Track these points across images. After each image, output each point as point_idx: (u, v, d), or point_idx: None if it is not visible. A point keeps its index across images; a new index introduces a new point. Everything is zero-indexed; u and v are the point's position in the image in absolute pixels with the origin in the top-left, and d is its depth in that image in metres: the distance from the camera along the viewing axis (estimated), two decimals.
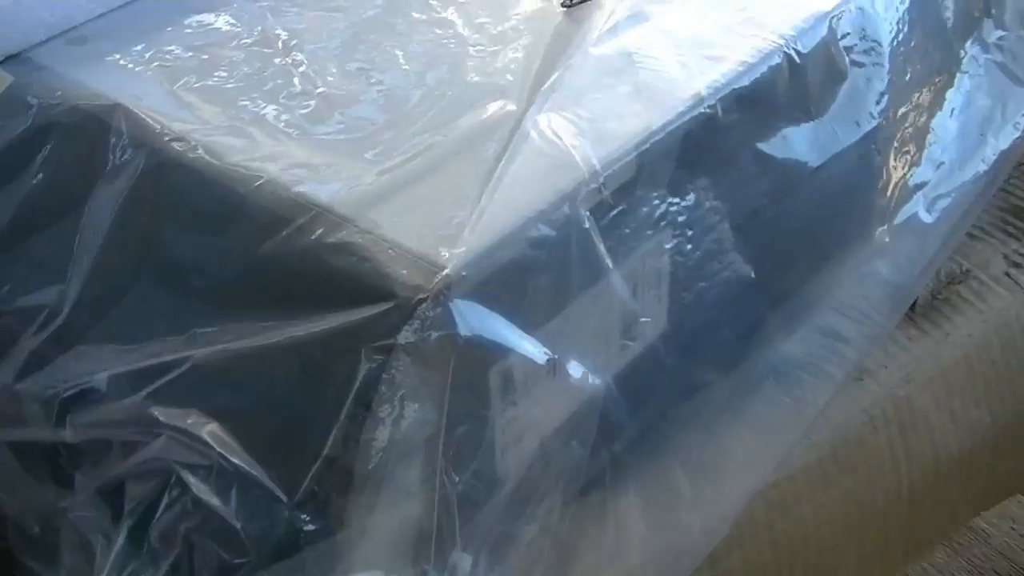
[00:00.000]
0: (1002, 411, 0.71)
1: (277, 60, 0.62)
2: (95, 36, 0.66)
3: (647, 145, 0.54)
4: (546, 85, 0.57)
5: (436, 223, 0.50)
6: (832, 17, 0.63)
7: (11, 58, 0.65)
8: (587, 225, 0.52)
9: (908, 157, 0.67)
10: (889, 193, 0.67)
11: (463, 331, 0.47)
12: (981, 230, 0.76)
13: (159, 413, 0.53)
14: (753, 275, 0.62)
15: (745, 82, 0.58)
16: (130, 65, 0.63)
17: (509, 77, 0.59)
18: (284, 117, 0.57)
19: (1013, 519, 1.30)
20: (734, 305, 0.63)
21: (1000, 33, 0.74)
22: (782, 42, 0.60)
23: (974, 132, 0.71)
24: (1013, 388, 0.71)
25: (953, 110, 0.70)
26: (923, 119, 0.68)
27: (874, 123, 0.65)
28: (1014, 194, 0.79)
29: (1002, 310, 0.72)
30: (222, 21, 0.66)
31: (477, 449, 0.50)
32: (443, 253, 0.48)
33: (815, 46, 0.62)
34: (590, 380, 0.55)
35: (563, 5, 0.64)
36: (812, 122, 0.62)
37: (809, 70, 0.61)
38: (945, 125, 0.70)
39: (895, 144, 0.67)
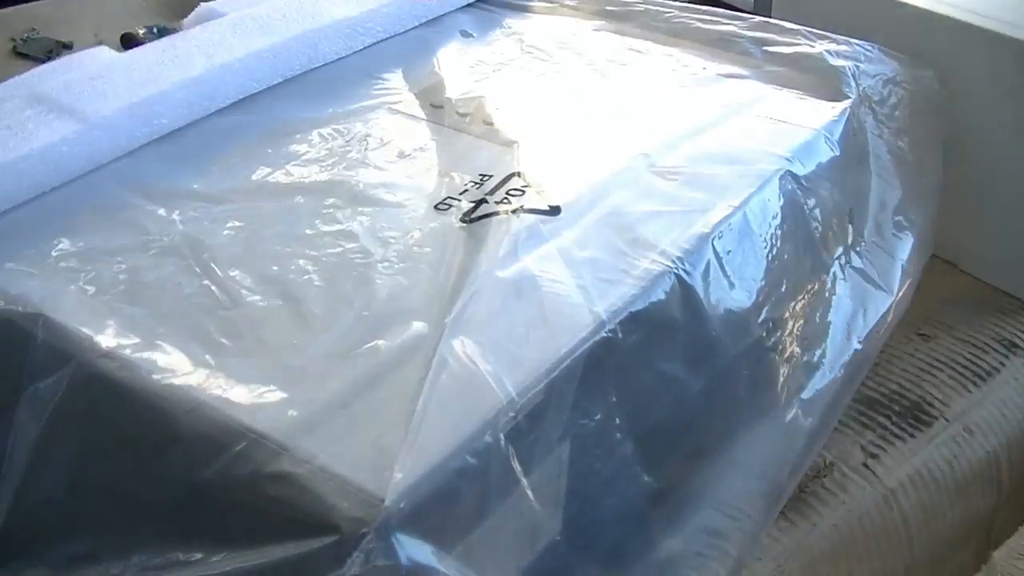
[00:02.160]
0: None
1: (193, 271, 0.64)
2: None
3: (556, 372, 0.58)
4: (456, 308, 0.60)
5: (369, 452, 0.52)
6: (713, 238, 0.68)
7: None
8: (507, 453, 0.55)
9: (788, 362, 0.73)
10: (769, 394, 0.72)
11: (404, 562, 0.50)
12: (839, 423, 0.81)
13: None
14: (644, 477, 0.66)
15: (640, 304, 0.63)
16: (45, 267, 0.65)
17: (418, 297, 0.62)
18: (205, 334, 0.60)
19: None
20: (622, 506, 0.67)
21: (861, 240, 0.81)
22: (671, 264, 0.65)
23: (842, 335, 0.76)
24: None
25: (825, 315, 0.76)
26: (800, 326, 0.74)
27: (757, 334, 0.70)
28: (866, 385, 0.85)
29: (862, 500, 0.76)
30: (128, 222, 0.69)
31: None
32: (381, 485, 0.50)
33: (701, 266, 0.66)
34: None
35: (462, 220, 0.68)
36: (700, 337, 0.67)
37: (697, 289, 0.66)
38: (818, 330, 0.75)
39: (777, 350, 0.72)
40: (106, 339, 0.59)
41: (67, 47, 1.21)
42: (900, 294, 0.81)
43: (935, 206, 0.87)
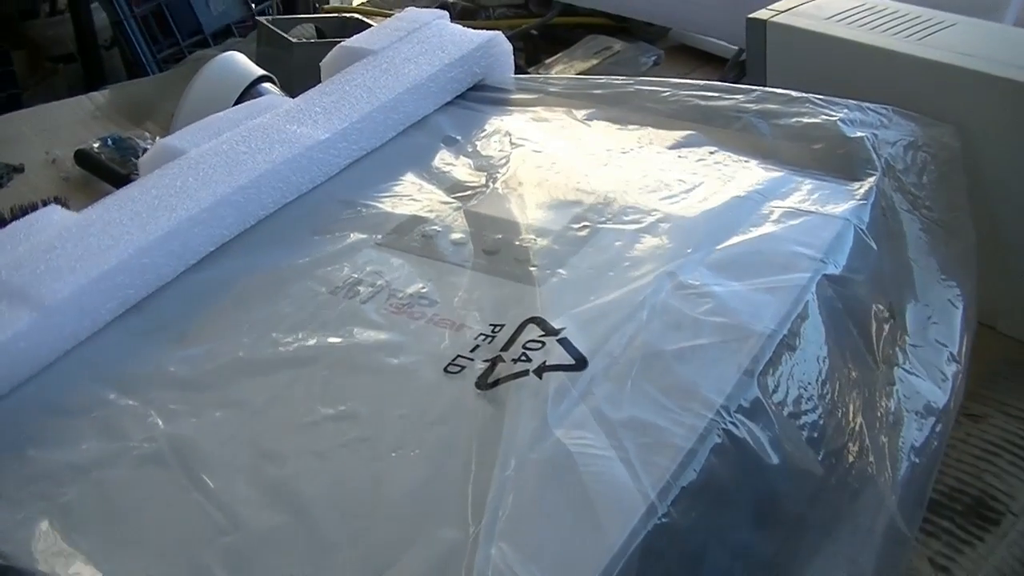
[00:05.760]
0: None
1: (181, 484, 0.56)
2: None
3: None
4: (488, 505, 0.53)
5: None
6: (758, 374, 0.61)
7: None
8: None
9: (853, 494, 0.65)
10: (836, 531, 0.64)
11: None
12: None
13: None
14: None
15: (691, 474, 0.55)
16: (11, 496, 0.56)
17: (441, 494, 0.54)
18: (206, 572, 0.52)
19: None
20: None
21: (906, 335, 0.73)
22: (717, 418, 0.58)
23: (904, 450, 0.68)
24: None
25: (884, 432, 0.68)
26: (860, 450, 0.66)
27: (819, 474, 0.62)
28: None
29: None
30: (102, 423, 0.60)
31: None
32: None
33: (750, 410, 0.59)
34: None
35: (478, 387, 0.60)
36: (761, 492, 0.60)
37: (749, 440, 0.58)
38: (880, 449, 0.67)
39: (841, 484, 0.64)
40: None
41: (18, 170, 1.13)
42: (956, 386, 0.74)
43: (975, 274, 0.80)
